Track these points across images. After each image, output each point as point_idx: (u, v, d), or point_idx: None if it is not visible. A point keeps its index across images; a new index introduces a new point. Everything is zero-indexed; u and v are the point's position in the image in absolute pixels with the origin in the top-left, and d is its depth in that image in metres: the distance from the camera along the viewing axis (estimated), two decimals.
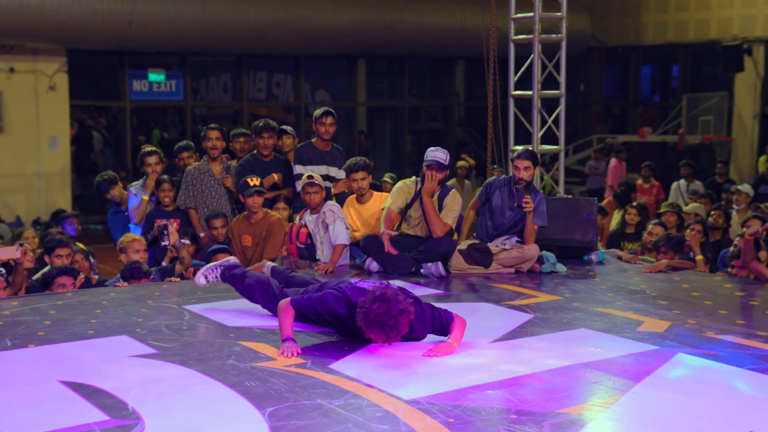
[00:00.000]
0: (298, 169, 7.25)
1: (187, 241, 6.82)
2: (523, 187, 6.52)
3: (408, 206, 6.59)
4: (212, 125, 7.62)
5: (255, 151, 7.55)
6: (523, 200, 6.47)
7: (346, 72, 18.09)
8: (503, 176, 6.97)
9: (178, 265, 6.51)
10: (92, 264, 7.07)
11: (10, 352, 4.42)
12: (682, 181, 12.07)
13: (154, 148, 7.77)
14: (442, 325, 4.51)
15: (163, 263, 6.70)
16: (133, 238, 6.56)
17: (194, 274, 6.42)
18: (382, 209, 6.66)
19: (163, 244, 6.70)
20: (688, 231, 7.35)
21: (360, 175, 6.94)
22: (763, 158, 14.63)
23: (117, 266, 6.47)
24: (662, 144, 17.69)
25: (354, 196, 7.11)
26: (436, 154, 6.48)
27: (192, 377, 4.02)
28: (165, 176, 7.40)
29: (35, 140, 13.96)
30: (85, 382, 3.89)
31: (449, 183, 7.43)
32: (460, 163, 12.47)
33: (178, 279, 6.35)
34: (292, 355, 4.29)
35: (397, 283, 5.27)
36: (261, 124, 7.52)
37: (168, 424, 3.44)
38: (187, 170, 7.39)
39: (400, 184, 6.75)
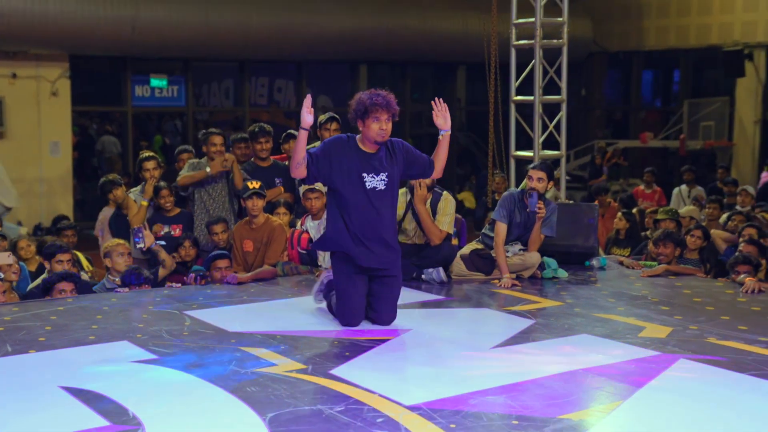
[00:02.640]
0: None
1: (164, 243, 6.76)
2: (537, 194, 6.42)
3: (401, 220, 6.45)
4: (213, 130, 7.51)
5: (252, 159, 7.53)
6: (537, 206, 6.38)
7: (348, 77, 18.09)
8: (514, 191, 6.81)
9: (161, 269, 6.48)
10: (79, 270, 7.02)
11: (10, 358, 4.42)
12: (684, 187, 12.05)
13: (151, 153, 7.68)
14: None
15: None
16: (117, 242, 6.44)
17: (196, 279, 6.42)
18: None
19: (138, 247, 6.62)
20: (688, 237, 7.23)
21: None
22: None
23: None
24: (663, 149, 17.67)
25: None
26: None
27: (193, 383, 4.01)
28: (163, 183, 7.28)
29: (37, 146, 13.95)
30: (86, 388, 3.89)
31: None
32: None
33: (180, 284, 6.34)
34: None
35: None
36: (256, 129, 7.48)
37: (168, 430, 3.44)
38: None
39: None
